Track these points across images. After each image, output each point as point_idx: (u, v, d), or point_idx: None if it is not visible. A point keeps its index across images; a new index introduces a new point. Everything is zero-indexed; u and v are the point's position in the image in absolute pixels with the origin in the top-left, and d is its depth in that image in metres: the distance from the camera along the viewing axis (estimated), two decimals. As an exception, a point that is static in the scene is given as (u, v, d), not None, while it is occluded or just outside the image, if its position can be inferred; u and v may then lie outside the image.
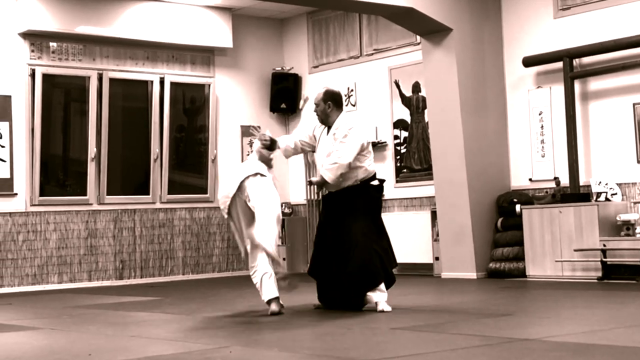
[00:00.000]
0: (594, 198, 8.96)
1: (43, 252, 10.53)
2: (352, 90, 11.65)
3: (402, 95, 11.05)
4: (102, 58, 11.01)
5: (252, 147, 10.85)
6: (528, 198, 9.61)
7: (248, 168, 6.77)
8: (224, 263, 11.86)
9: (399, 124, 11.08)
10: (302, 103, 12.33)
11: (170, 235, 11.48)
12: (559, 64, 9.46)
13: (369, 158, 6.74)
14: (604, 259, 8.61)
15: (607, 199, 8.92)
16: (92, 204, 10.91)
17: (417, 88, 10.86)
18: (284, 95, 12.28)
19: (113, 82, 11.04)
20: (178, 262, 11.52)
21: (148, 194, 11.32)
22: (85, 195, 10.84)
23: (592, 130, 9.38)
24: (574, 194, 9.12)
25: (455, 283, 9.16)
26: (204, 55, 11.85)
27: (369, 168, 6.74)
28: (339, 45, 11.87)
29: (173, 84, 11.51)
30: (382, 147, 11.12)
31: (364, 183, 6.72)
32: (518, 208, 9.48)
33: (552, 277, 9.06)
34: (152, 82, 11.39)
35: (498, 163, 10.00)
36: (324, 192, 7.08)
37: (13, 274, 10.33)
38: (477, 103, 9.87)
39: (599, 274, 8.65)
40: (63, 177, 10.93)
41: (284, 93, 12.28)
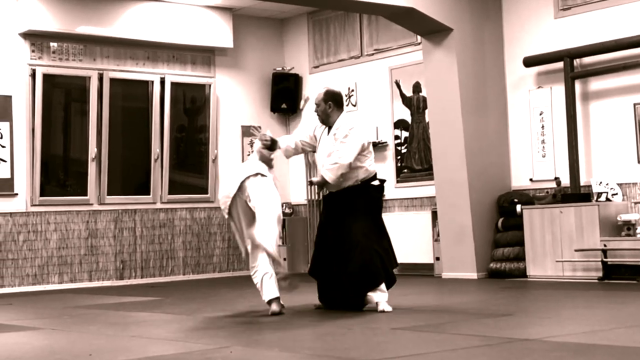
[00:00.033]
0: (595, 198, 8.96)
1: (43, 252, 10.53)
2: (352, 91, 11.65)
3: (402, 95, 11.05)
4: (102, 58, 11.01)
5: (252, 147, 10.86)
6: (529, 198, 9.61)
7: (249, 168, 6.77)
8: (225, 263, 11.86)
9: (400, 124, 11.08)
10: (302, 103, 12.33)
11: (171, 236, 11.48)
12: (560, 64, 9.46)
13: (370, 158, 6.74)
14: (605, 259, 8.61)
15: (607, 199, 8.91)
16: (92, 204, 10.91)
17: (417, 88, 10.86)
18: (285, 96, 12.27)
19: (113, 82, 11.04)
20: (179, 262, 11.52)
21: (148, 194, 11.32)
22: (86, 196, 10.85)
23: (592, 131, 9.37)
24: (575, 194, 9.12)
25: (456, 283, 9.15)
26: (205, 55, 11.85)
27: (370, 168, 6.74)
28: (340, 45, 11.87)
29: (173, 84, 11.51)
30: (382, 147, 11.11)
31: (365, 183, 6.71)
32: (519, 208, 9.47)
33: (552, 277, 9.06)
34: (152, 82, 11.39)
35: (499, 163, 10.00)
36: (325, 192, 7.07)
37: (13, 274, 10.33)
38: (477, 103, 9.87)
39: (600, 274, 8.65)
40: (63, 177, 10.93)
41: (285, 93, 12.27)
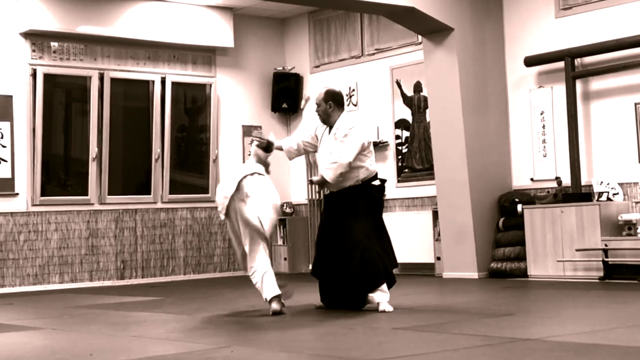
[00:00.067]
0: (596, 198, 8.95)
1: (44, 252, 10.53)
2: (353, 90, 11.65)
3: (403, 95, 11.05)
4: (103, 58, 11.01)
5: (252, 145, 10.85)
6: (529, 198, 9.60)
7: (246, 168, 6.78)
8: (225, 263, 11.85)
9: (401, 124, 11.08)
10: (303, 103, 12.33)
11: (172, 235, 11.48)
12: (561, 64, 9.45)
13: (371, 158, 6.74)
14: (606, 259, 8.61)
15: (608, 199, 8.91)
16: (93, 204, 10.91)
17: (418, 88, 10.86)
18: (285, 95, 12.27)
19: (114, 81, 11.04)
20: (179, 262, 11.52)
21: (149, 194, 11.32)
22: (87, 195, 10.84)
23: (593, 130, 9.37)
24: (576, 194, 9.11)
25: (457, 283, 9.15)
26: (205, 55, 11.85)
27: (371, 168, 6.73)
28: (340, 45, 11.87)
29: (174, 84, 11.51)
30: (383, 147, 11.11)
31: (366, 183, 6.71)
32: (519, 208, 9.47)
33: (553, 277, 9.06)
34: (153, 81, 11.39)
35: (499, 163, 10.00)
36: (326, 191, 7.08)
37: (14, 274, 10.32)
38: (478, 103, 9.86)
39: (601, 274, 8.64)
40: (64, 177, 10.93)
41: (285, 93, 12.27)
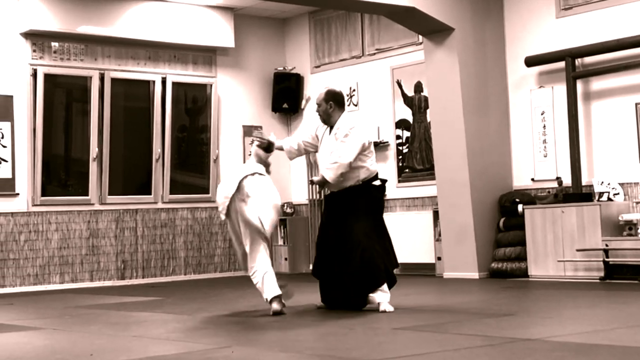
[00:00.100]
0: (596, 198, 8.95)
1: (45, 252, 10.53)
2: (354, 90, 11.65)
3: (404, 95, 11.04)
4: (103, 58, 11.01)
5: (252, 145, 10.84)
6: (530, 198, 9.60)
7: (246, 168, 6.78)
8: (226, 263, 11.85)
9: (401, 124, 11.07)
10: (304, 103, 12.32)
11: (172, 235, 11.47)
12: (561, 64, 9.45)
13: (371, 158, 6.74)
14: (606, 259, 8.60)
15: (609, 199, 8.91)
16: (93, 204, 10.90)
17: (419, 88, 10.85)
18: (286, 95, 12.27)
19: (115, 82, 11.04)
20: (180, 262, 11.52)
21: (150, 194, 11.32)
22: (87, 195, 10.84)
23: (594, 130, 9.36)
24: (576, 194, 9.10)
25: (458, 283, 9.15)
26: (206, 55, 11.85)
27: (371, 168, 6.73)
28: (341, 45, 11.87)
29: (175, 84, 11.50)
30: (384, 147, 11.11)
31: (366, 183, 6.71)
32: (520, 208, 9.46)
33: (554, 277, 9.05)
34: (153, 82, 11.39)
35: (500, 163, 9.99)
36: (326, 192, 7.07)
37: (15, 274, 10.32)
38: (479, 103, 9.86)
39: (601, 274, 8.64)
40: (65, 177, 10.93)
41: (286, 93, 12.27)
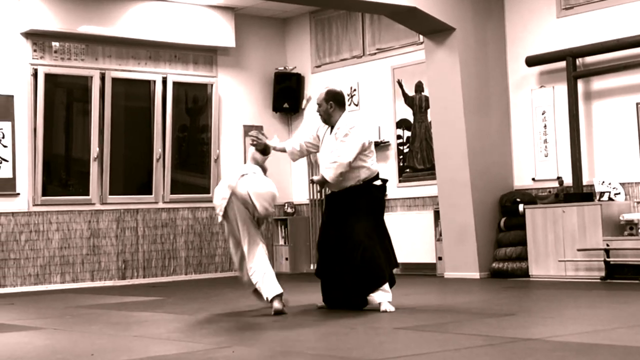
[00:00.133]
0: (597, 198, 8.95)
1: (45, 252, 10.53)
2: (354, 90, 11.64)
3: (404, 95, 11.04)
4: (104, 58, 11.01)
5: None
6: (531, 198, 9.60)
7: (243, 168, 6.80)
8: (227, 263, 11.85)
9: (402, 124, 11.07)
10: (304, 103, 12.32)
11: (173, 235, 11.47)
12: (562, 64, 9.44)
13: (372, 158, 6.73)
14: (607, 259, 8.60)
15: (610, 199, 8.90)
16: (94, 204, 10.90)
17: (419, 87, 10.85)
18: (287, 95, 12.26)
19: (115, 81, 11.04)
20: (181, 262, 11.52)
21: (151, 194, 11.32)
22: (88, 195, 10.84)
23: (595, 130, 9.36)
24: (577, 194, 9.10)
25: (458, 283, 9.15)
26: (207, 55, 11.84)
27: (372, 168, 6.73)
28: (342, 45, 11.86)
29: (175, 84, 11.50)
30: (384, 146, 11.10)
31: (367, 183, 6.70)
32: (521, 208, 9.46)
33: (555, 277, 9.05)
34: (154, 81, 11.38)
35: (501, 162, 9.99)
36: (327, 191, 7.07)
37: (15, 274, 10.32)
38: (480, 102, 9.86)
39: (602, 274, 8.63)
40: (65, 176, 10.93)
41: (287, 93, 12.27)
